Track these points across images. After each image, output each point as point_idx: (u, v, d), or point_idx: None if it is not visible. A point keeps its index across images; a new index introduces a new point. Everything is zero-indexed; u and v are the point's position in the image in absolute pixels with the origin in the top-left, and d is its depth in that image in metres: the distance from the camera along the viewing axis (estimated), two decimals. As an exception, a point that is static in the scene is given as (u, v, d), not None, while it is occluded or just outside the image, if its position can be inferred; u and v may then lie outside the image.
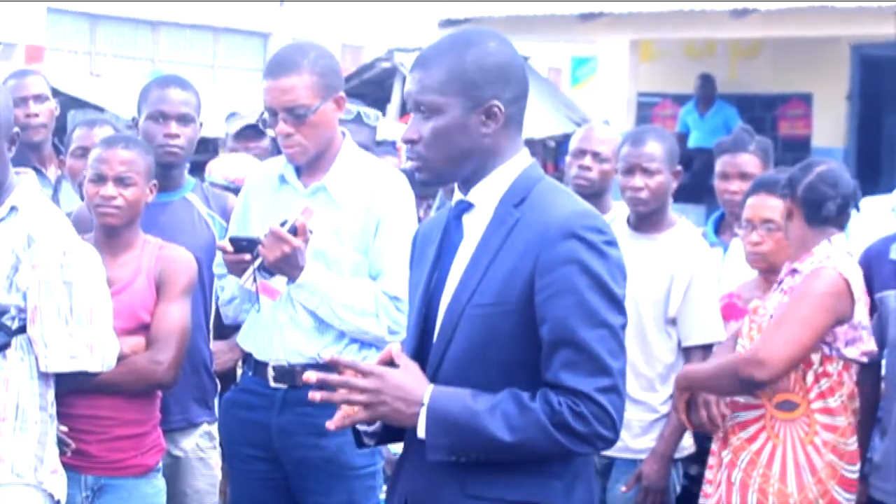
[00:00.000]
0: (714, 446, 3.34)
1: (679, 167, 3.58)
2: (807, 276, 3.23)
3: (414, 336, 2.20)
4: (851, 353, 3.20)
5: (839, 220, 3.28)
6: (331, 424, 2.09)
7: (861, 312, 3.20)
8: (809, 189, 3.27)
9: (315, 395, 2.06)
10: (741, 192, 3.74)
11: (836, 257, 3.23)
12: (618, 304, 2.08)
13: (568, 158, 4.04)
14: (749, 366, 3.19)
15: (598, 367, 2.04)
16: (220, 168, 4.23)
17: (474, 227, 2.16)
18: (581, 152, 3.95)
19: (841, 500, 3.20)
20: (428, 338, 2.16)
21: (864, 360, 3.22)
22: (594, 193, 3.92)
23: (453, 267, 2.15)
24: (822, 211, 3.26)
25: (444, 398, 2.04)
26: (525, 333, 2.06)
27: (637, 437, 3.49)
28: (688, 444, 3.56)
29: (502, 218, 2.11)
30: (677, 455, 3.52)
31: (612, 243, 2.08)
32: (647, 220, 3.56)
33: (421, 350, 2.17)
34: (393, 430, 2.18)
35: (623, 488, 3.47)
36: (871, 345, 3.22)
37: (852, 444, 3.22)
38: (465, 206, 2.18)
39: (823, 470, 3.19)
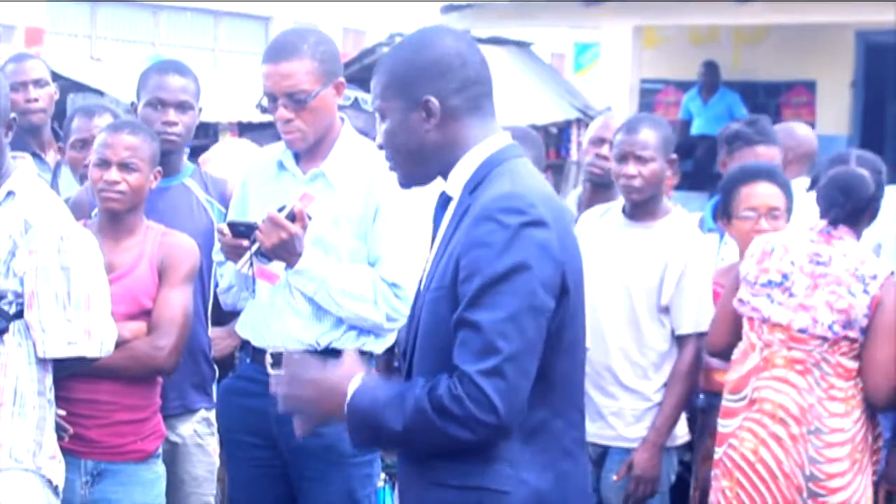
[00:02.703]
0: None
1: (674, 155, 3.58)
2: None
3: (407, 327, 2.24)
4: (735, 303, 3.31)
5: (850, 222, 3.32)
6: (298, 431, 2.20)
7: (747, 266, 3.33)
8: (821, 190, 3.34)
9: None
10: None
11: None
12: None
13: (585, 145, 4.05)
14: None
15: (485, 348, 2.00)
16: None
17: (448, 217, 2.19)
18: (600, 140, 3.99)
19: (716, 454, 3.33)
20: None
21: (751, 314, 3.30)
22: (608, 183, 3.92)
23: (430, 257, 2.20)
24: (829, 214, 3.32)
25: (360, 392, 2.08)
26: None
27: (630, 426, 3.49)
28: (682, 433, 3.57)
29: (460, 204, 2.14)
30: (671, 444, 3.53)
31: (535, 223, 2.04)
32: (641, 208, 3.56)
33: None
34: None
35: (615, 477, 3.47)
36: (746, 295, 3.30)
37: (726, 399, 3.32)
38: (446, 198, 2.20)
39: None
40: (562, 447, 2.13)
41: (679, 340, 3.50)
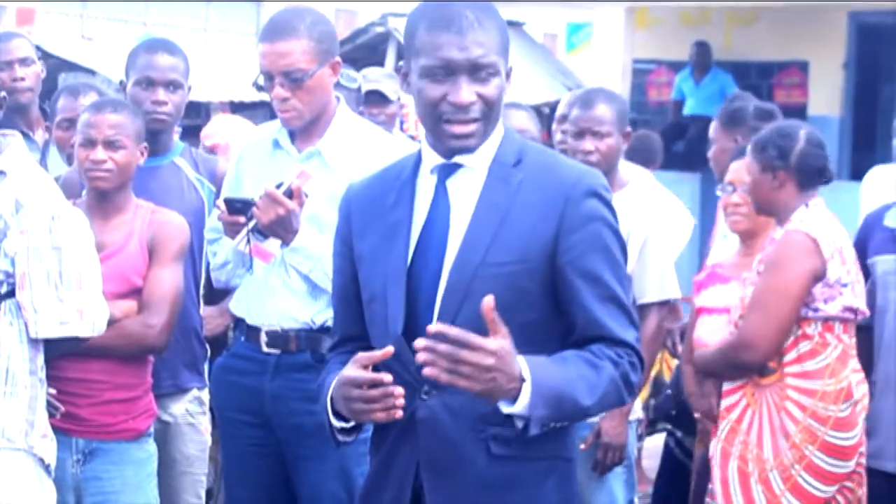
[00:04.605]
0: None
1: (629, 128, 3.59)
2: (776, 244, 3.25)
3: (399, 305, 2.13)
4: (833, 308, 3.19)
5: (826, 180, 3.32)
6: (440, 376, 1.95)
7: (836, 270, 3.20)
8: (804, 156, 3.26)
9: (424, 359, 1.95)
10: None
11: (808, 220, 3.25)
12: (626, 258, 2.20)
13: (553, 124, 4.07)
14: (739, 350, 3.24)
15: (630, 319, 2.12)
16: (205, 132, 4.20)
17: (465, 188, 2.14)
18: (565, 118, 3.97)
19: (824, 465, 3.20)
20: (415, 305, 2.12)
21: (850, 316, 3.21)
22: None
23: (452, 229, 2.12)
24: (819, 175, 3.28)
25: (539, 370, 2.00)
26: (546, 291, 2.09)
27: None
28: (636, 408, 3.60)
29: (502, 177, 2.12)
30: (630, 417, 3.53)
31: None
32: None
33: (408, 317, 2.12)
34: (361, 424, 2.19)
35: (582, 446, 3.46)
36: (853, 300, 3.21)
37: (839, 409, 3.20)
38: (452, 169, 2.15)
39: (798, 435, 3.19)
40: None
41: (641, 309, 3.50)
